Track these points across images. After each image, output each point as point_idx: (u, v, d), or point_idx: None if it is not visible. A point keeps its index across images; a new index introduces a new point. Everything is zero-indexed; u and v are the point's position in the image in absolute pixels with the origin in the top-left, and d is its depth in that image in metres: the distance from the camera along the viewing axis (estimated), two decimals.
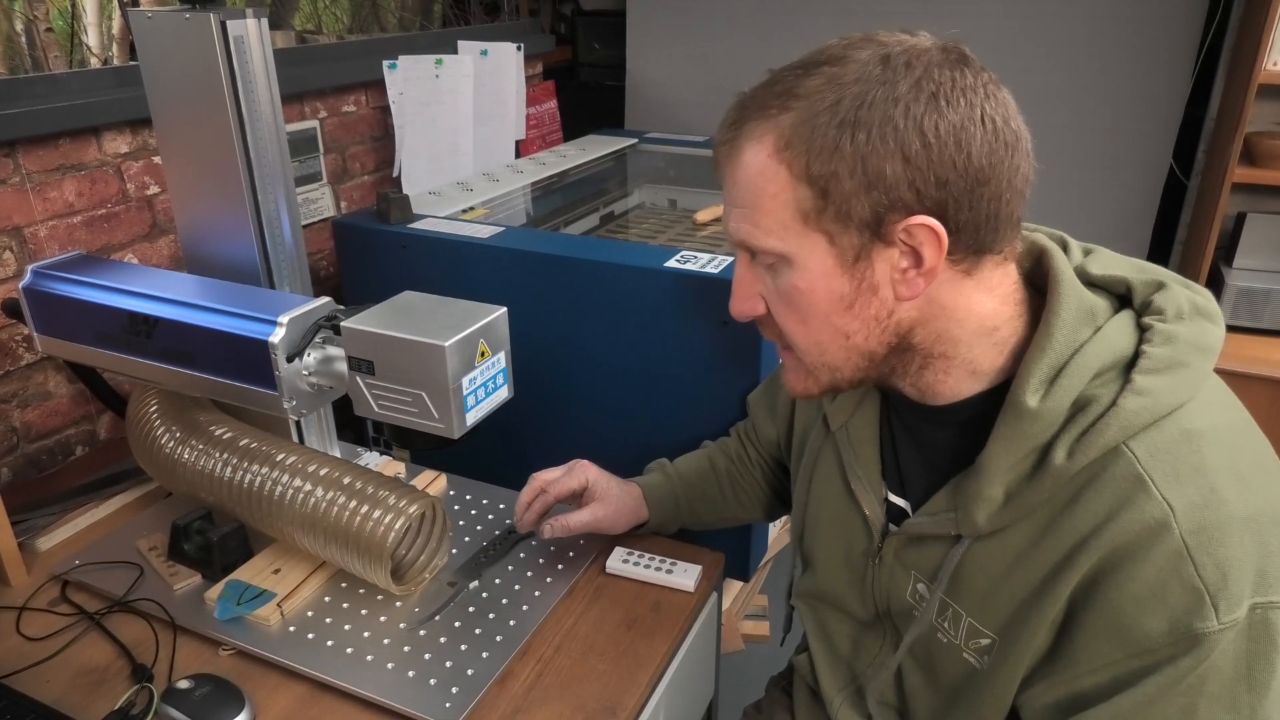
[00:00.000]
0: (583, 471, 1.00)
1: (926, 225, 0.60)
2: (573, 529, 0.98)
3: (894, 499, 0.77)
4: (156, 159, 1.38)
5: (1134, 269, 0.68)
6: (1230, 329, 1.76)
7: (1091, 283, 0.67)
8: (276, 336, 0.86)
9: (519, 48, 1.91)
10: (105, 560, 0.99)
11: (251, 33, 0.95)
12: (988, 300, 0.65)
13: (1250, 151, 1.76)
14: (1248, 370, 1.62)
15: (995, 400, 0.65)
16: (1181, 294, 0.65)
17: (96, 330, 0.96)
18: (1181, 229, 2.15)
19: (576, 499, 1.00)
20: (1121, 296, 0.67)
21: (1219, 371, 0.65)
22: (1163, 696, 0.58)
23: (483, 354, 0.83)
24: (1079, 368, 0.61)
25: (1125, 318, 0.64)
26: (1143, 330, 0.63)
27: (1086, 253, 0.71)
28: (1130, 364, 0.61)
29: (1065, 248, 0.70)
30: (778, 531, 1.48)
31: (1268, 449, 0.63)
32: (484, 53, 1.84)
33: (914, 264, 0.62)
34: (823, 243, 0.62)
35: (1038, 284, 0.68)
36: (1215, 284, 1.81)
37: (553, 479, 1.00)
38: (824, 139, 0.59)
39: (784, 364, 0.73)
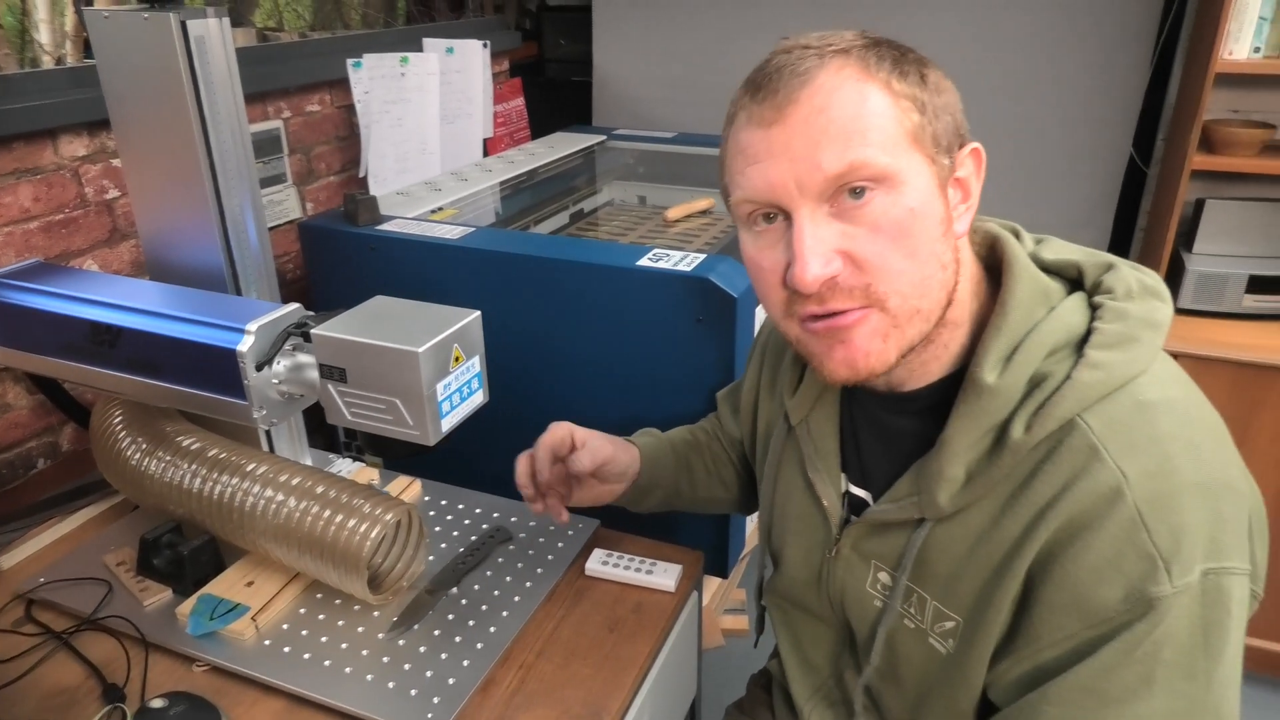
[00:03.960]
0: (558, 425, 0.93)
1: (978, 150, 0.65)
2: (598, 457, 0.91)
3: (856, 491, 0.78)
4: (116, 162, 1.35)
5: (1083, 254, 0.70)
6: (1191, 313, 1.80)
7: (1045, 267, 0.69)
8: (245, 345, 0.84)
9: (485, 45, 1.89)
10: (71, 577, 0.97)
11: (213, 33, 0.93)
12: (966, 267, 0.68)
13: (1208, 139, 1.78)
14: (1208, 353, 1.64)
15: (953, 385, 0.67)
16: (1130, 274, 0.67)
17: (57, 341, 0.94)
18: (1142, 216, 2.18)
19: (566, 453, 0.93)
20: (1073, 281, 0.70)
21: (1181, 355, 0.67)
22: (1120, 664, 0.59)
23: (457, 359, 0.82)
24: (1034, 345, 0.63)
25: (1078, 298, 0.67)
26: (1094, 309, 0.65)
27: (1038, 241, 0.73)
28: (1084, 340, 0.63)
29: (1017, 236, 0.72)
30: (755, 525, 1.48)
31: (1218, 420, 0.65)
32: (450, 50, 1.82)
33: (962, 198, 0.66)
34: (925, 164, 0.62)
35: (990, 272, 0.70)
36: (1176, 269, 1.84)
37: (536, 444, 0.94)
38: (907, 65, 0.62)
39: (855, 331, 0.64)
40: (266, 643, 0.88)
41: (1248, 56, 1.71)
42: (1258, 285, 1.77)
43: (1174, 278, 1.84)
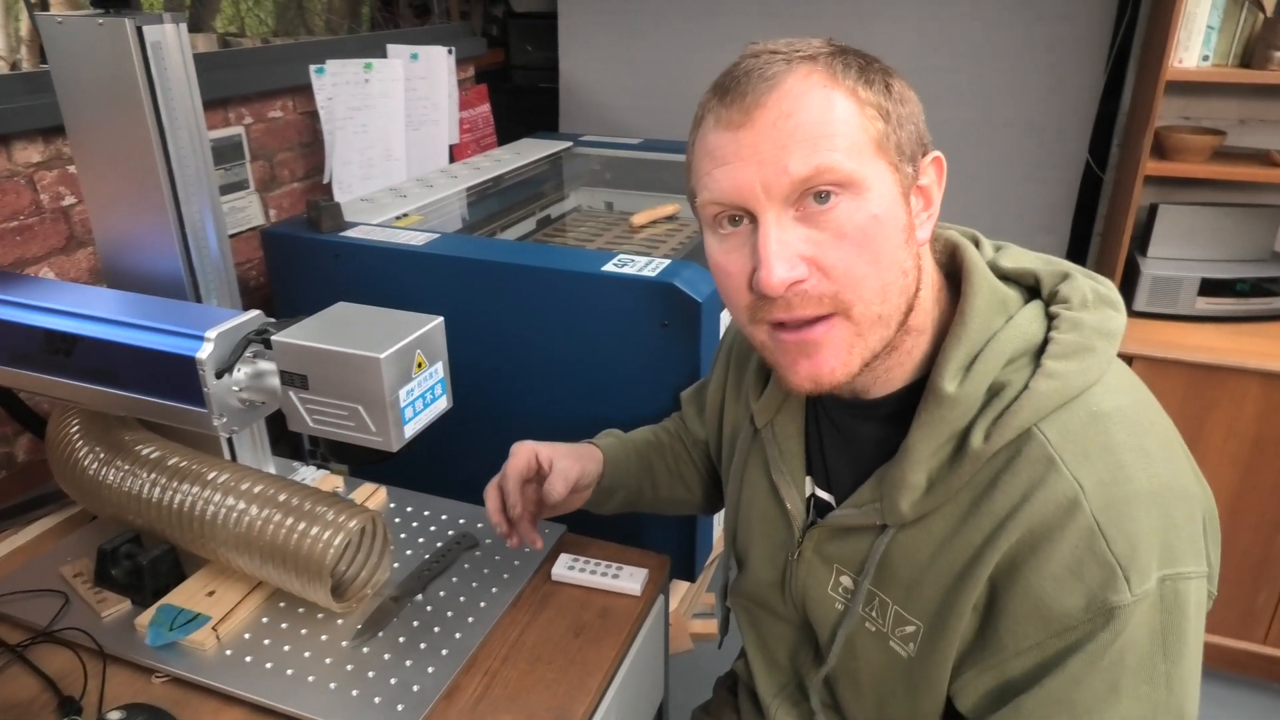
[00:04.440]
0: (521, 447, 0.93)
1: (939, 159, 0.67)
2: (570, 478, 0.90)
3: (821, 494, 0.79)
4: (72, 168, 1.33)
5: (1041, 262, 0.72)
6: (1146, 315, 1.84)
7: (1004, 276, 0.71)
8: (204, 352, 0.83)
9: (450, 51, 1.89)
10: (27, 589, 0.95)
11: (169, 38, 0.93)
12: (927, 275, 0.69)
13: (1160, 145, 1.83)
14: (1163, 355, 1.68)
15: (916, 393, 0.68)
16: (1085, 283, 0.69)
17: (11, 350, 0.92)
18: (1099, 221, 2.23)
19: (533, 476, 0.93)
20: (1031, 288, 0.71)
21: (1137, 356, 0.68)
22: (1087, 674, 0.60)
23: (420, 365, 0.82)
24: (993, 354, 0.65)
25: (1035, 307, 0.68)
26: (1051, 318, 0.67)
27: (998, 248, 0.74)
28: (1040, 350, 0.65)
29: (977, 244, 0.73)
30: (722, 529, 1.49)
31: (1169, 426, 0.67)
32: (414, 56, 1.82)
33: (924, 206, 0.67)
34: (889, 171, 0.63)
35: (951, 279, 0.72)
36: (1131, 273, 1.88)
37: (502, 474, 0.93)
38: (872, 75, 0.63)
39: (815, 346, 0.64)
40: (228, 652, 0.87)
41: (1197, 65, 1.76)
42: (1210, 288, 1.82)
43: (1129, 281, 1.88)
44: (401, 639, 0.90)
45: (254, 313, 0.89)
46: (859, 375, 0.66)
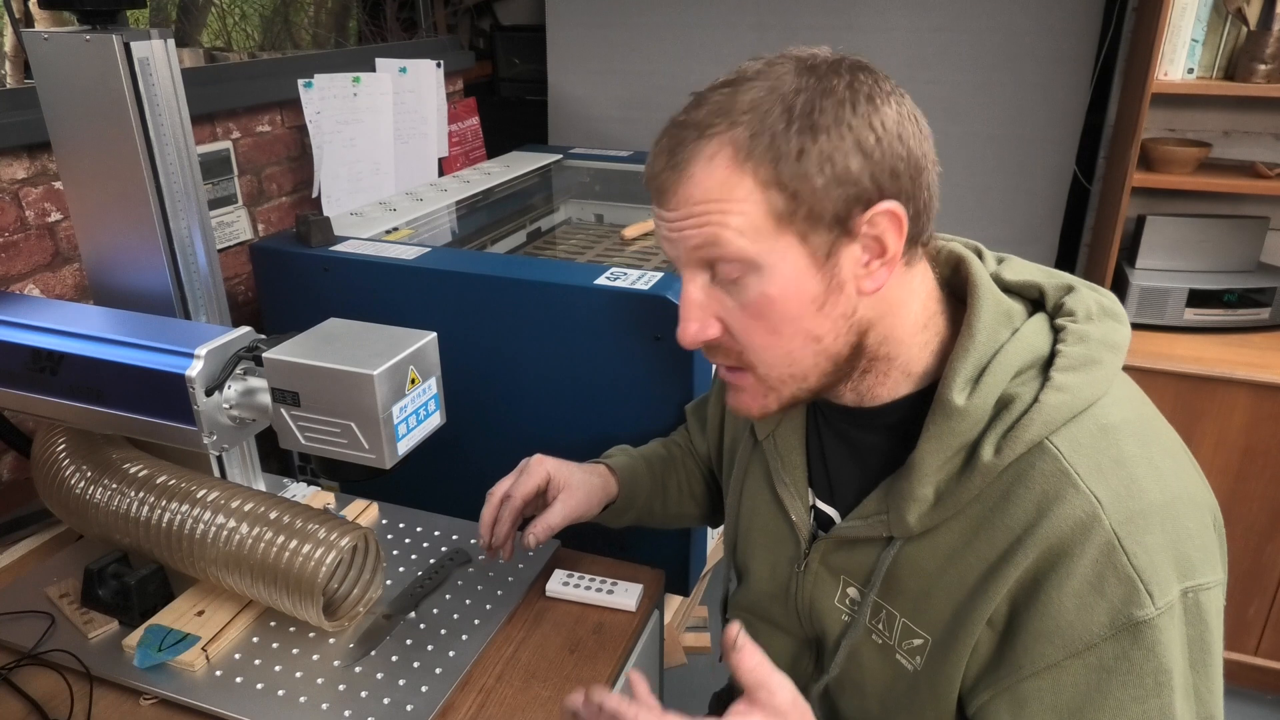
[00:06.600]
0: (539, 466, 0.94)
1: (890, 211, 0.62)
2: (554, 527, 0.91)
3: (822, 506, 0.79)
4: (58, 184, 1.32)
5: (1044, 274, 0.72)
6: (1134, 326, 1.84)
7: (1007, 288, 0.71)
8: (193, 370, 0.82)
9: (438, 64, 1.89)
10: (12, 611, 0.94)
11: (157, 54, 0.92)
12: (916, 298, 0.68)
13: (1147, 157, 1.84)
14: (1152, 365, 1.69)
15: (921, 402, 0.67)
16: (1090, 296, 0.69)
17: None
18: (1087, 232, 2.24)
19: (540, 498, 0.94)
20: (1034, 300, 0.71)
21: (1126, 367, 0.69)
22: (1111, 688, 0.60)
23: (413, 381, 0.81)
24: (1001, 366, 0.64)
25: (1040, 320, 0.68)
26: (1056, 331, 0.67)
27: (1000, 260, 0.74)
28: (1048, 363, 0.65)
29: (980, 256, 0.73)
30: (715, 542, 1.49)
31: (1173, 435, 0.67)
32: (403, 70, 1.81)
33: (876, 254, 0.64)
34: (795, 244, 0.62)
35: (954, 292, 0.71)
36: (1120, 284, 1.89)
37: (510, 485, 0.94)
38: (786, 145, 0.60)
39: (735, 387, 0.70)
40: (218, 673, 0.86)
41: (1182, 77, 1.77)
42: (1197, 299, 1.83)
43: (1118, 292, 1.89)
44: (395, 657, 0.88)
45: (244, 329, 0.88)
46: (786, 409, 0.71)
